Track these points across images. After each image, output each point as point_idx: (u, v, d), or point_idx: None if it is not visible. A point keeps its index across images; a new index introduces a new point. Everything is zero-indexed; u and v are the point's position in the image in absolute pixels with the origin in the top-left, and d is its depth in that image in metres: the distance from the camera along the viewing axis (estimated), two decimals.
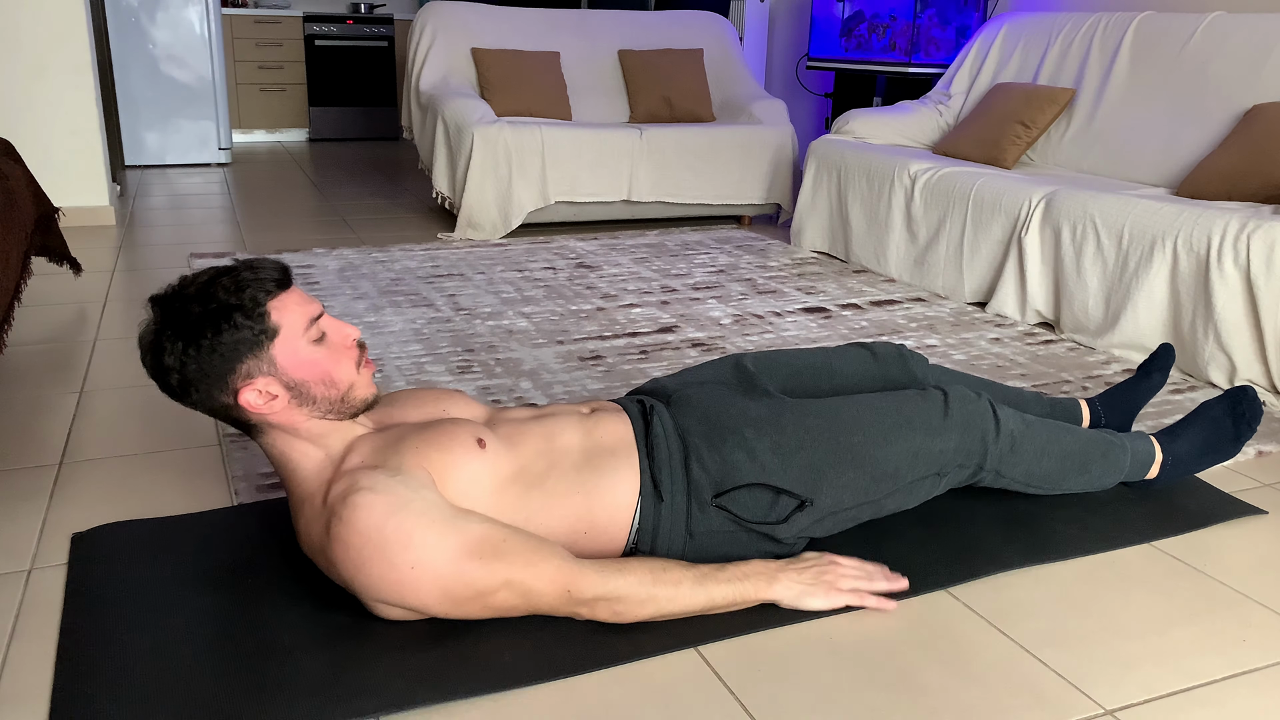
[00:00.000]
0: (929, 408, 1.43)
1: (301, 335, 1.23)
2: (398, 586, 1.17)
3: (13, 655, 1.21)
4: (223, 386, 1.20)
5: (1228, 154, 2.70)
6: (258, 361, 1.20)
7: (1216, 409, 1.69)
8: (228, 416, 1.25)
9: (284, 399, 1.23)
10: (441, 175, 3.88)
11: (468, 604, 1.20)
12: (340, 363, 1.26)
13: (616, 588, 1.23)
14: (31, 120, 3.60)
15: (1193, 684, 1.22)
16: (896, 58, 4.20)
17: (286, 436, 1.26)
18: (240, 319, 1.18)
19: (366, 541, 1.16)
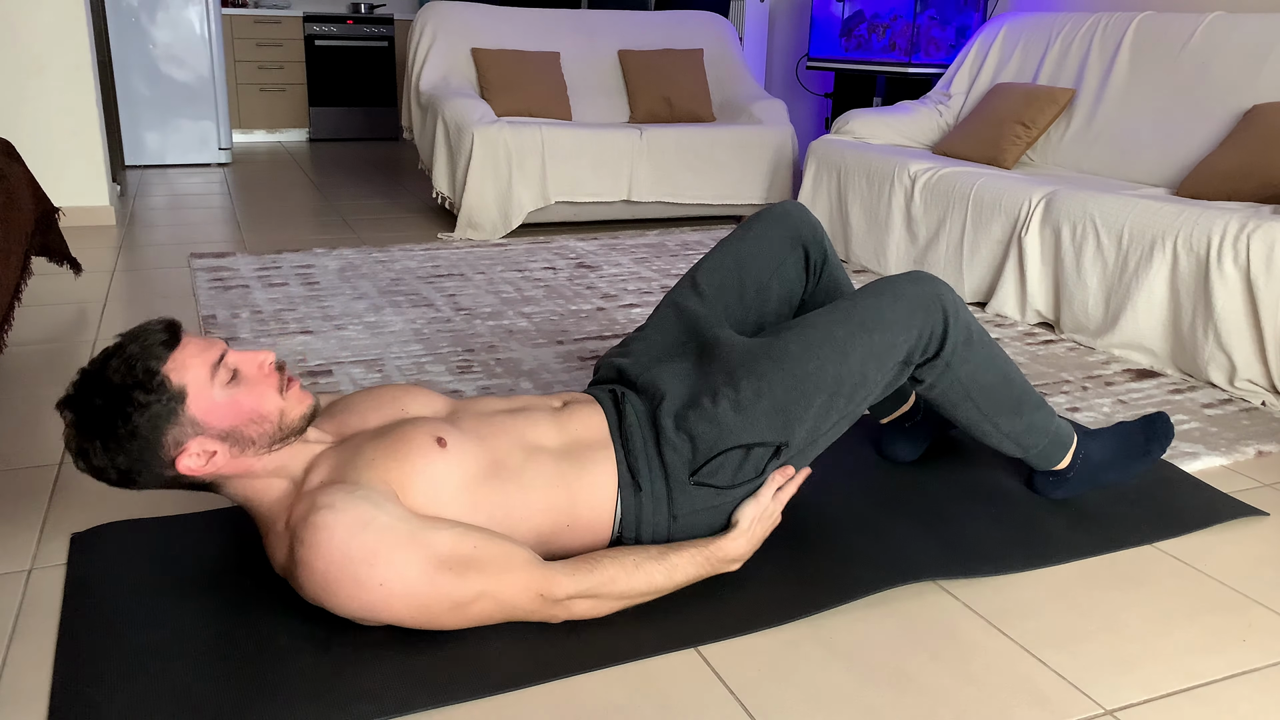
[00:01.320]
0: (879, 301, 1.39)
1: (209, 385, 1.17)
2: (369, 606, 1.16)
3: (13, 655, 1.21)
4: (159, 463, 1.17)
5: (1228, 154, 2.70)
6: (180, 428, 1.16)
7: (1130, 426, 1.68)
8: (182, 485, 1.22)
9: (223, 451, 1.19)
10: (441, 175, 3.88)
11: (444, 616, 1.19)
12: (263, 395, 1.21)
13: (589, 584, 1.23)
14: (31, 120, 3.60)
15: (1193, 684, 1.22)
16: (896, 58, 4.20)
17: (245, 481, 1.24)
18: (142, 396, 1.13)
19: (330, 563, 1.14)
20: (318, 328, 2.54)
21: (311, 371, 2.21)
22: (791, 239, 1.63)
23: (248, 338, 2.43)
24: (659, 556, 1.29)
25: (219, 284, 2.94)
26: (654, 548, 1.31)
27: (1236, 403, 2.21)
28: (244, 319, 2.59)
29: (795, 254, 1.63)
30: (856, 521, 1.57)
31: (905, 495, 1.67)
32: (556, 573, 1.23)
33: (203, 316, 2.60)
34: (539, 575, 1.22)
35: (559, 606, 1.23)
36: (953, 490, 1.69)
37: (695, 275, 1.63)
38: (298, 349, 2.36)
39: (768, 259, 1.62)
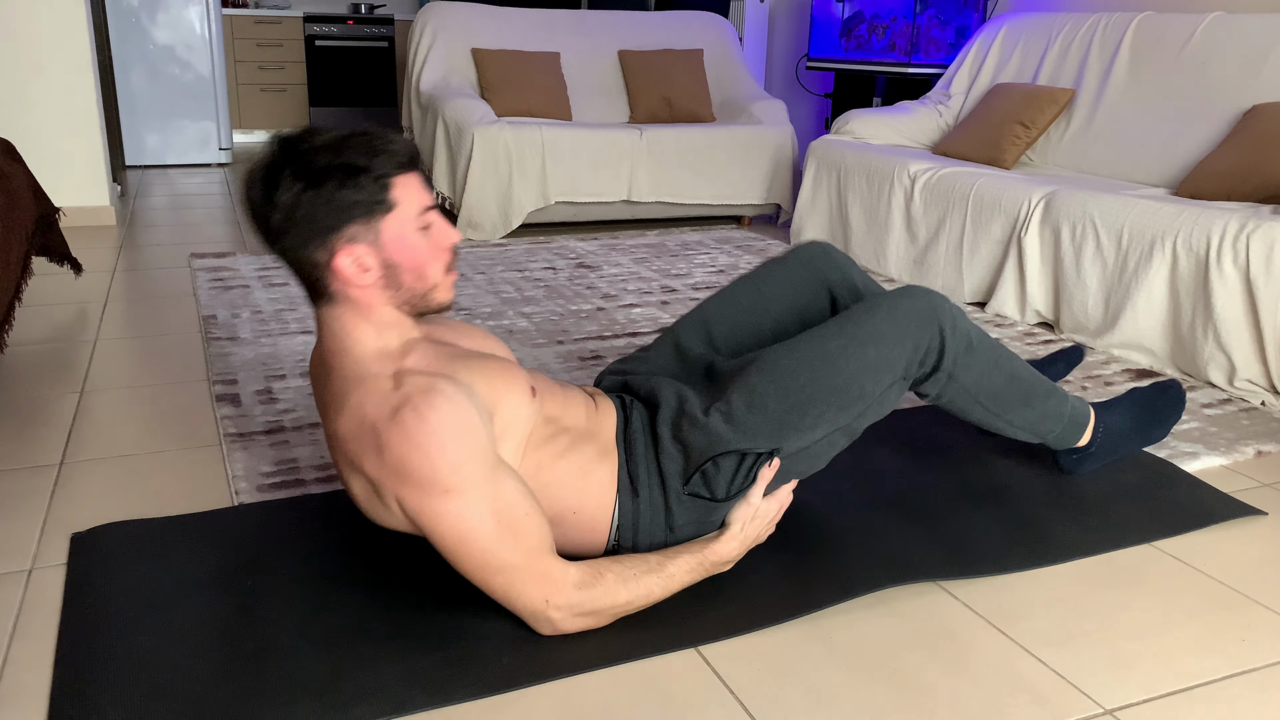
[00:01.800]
0: (873, 316, 1.39)
1: (413, 219, 1.19)
2: (423, 497, 1.15)
3: (13, 655, 1.21)
4: (321, 243, 1.16)
5: (1227, 154, 2.70)
6: (366, 229, 1.17)
7: (1144, 392, 1.72)
8: (308, 275, 1.21)
9: (375, 275, 1.19)
10: (442, 175, 3.88)
11: (465, 558, 1.18)
12: (434, 259, 1.23)
13: (589, 598, 1.23)
14: (31, 120, 3.60)
15: (1193, 684, 1.22)
16: (896, 58, 4.20)
17: (356, 314, 1.22)
18: (365, 181, 1.14)
19: (427, 441, 1.12)
20: None
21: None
22: (816, 283, 1.61)
23: (248, 338, 2.43)
24: (657, 567, 1.28)
25: (219, 284, 2.94)
26: (652, 556, 1.29)
27: (1236, 403, 2.21)
28: (244, 319, 2.59)
29: (821, 299, 1.61)
30: (856, 521, 1.57)
31: (904, 495, 1.67)
32: (569, 581, 1.22)
33: (203, 316, 2.60)
34: (556, 578, 1.21)
35: (554, 620, 1.22)
36: (952, 489, 1.69)
37: (709, 322, 1.60)
38: (298, 349, 2.36)
39: (790, 303, 1.60)
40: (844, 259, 1.64)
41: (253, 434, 1.87)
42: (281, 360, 2.28)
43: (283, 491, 1.64)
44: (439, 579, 1.38)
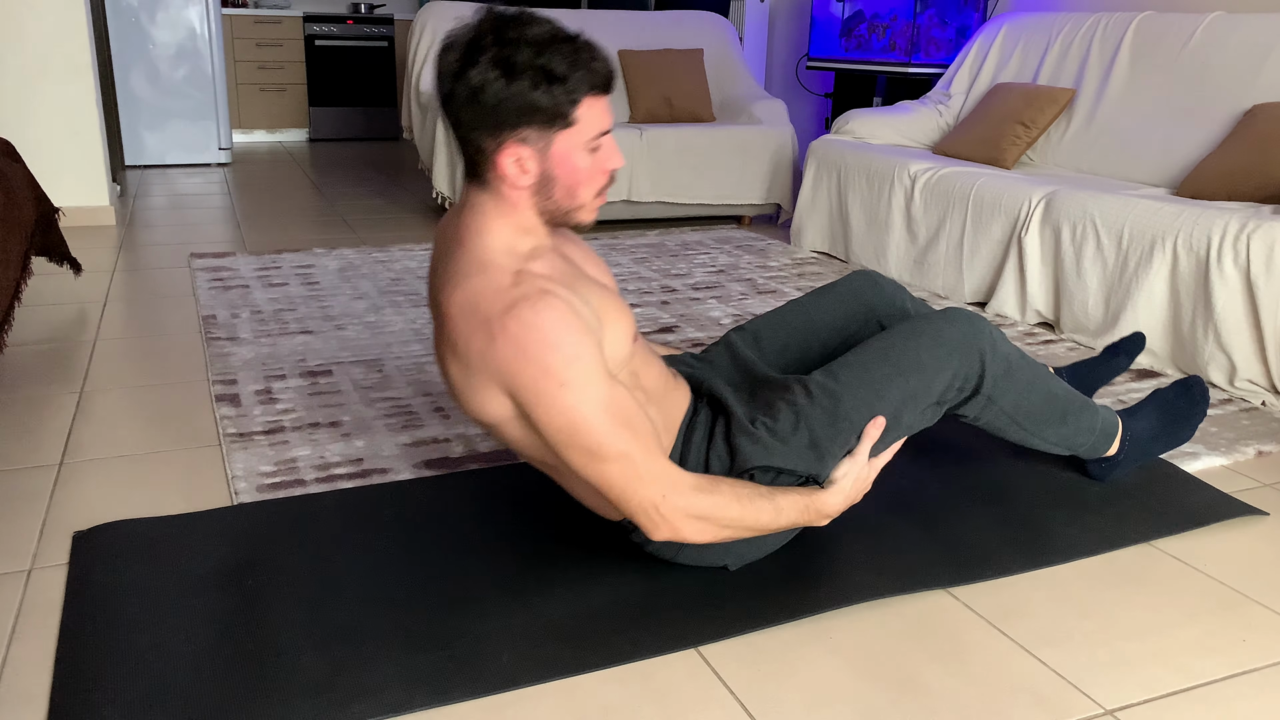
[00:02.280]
0: (917, 343, 1.40)
1: (586, 140, 1.21)
2: (536, 391, 1.16)
3: (13, 655, 1.21)
4: (494, 133, 1.18)
5: (1228, 154, 2.69)
6: (539, 136, 1.18)
7: (1169, 393, 1.73)
8: (470, 153, 1.22)
9: (531, 180, 1.21)
10: (441, 175, 3.88)
11: (575, 453, 1.19)
12: (591, 182, 1.24)
13: (708, 505, 1.23)
14: (31, 120, 3.60)
15: (1193, 684, 1.22)
16: (896, 58, 4.20)
17: (500, 207, 1.24)
18: (557, 91, 1.15)
19: (544, 336, 1.15)
20: (318, 328, 2.54)
21: (311, 371, 2.21)
22: (865, 313, 1.63)
23: (247, 338, 2.43)
24: (768, 495, 1.29)
25: (219, 284, 2.94)
26: (762, 486, 1.31)
27: (1236, 403, 2.21)
28: (244, 319, 2.59)
29: (869, 328, 1.62)
30: (857, 521, 1.57)
31: (905, 495, 1.67)
32: (686, 482, 1.23)
33: (203, 316, 2.60)
34: (674, 476, 1.22)
35: (669, 517, 1.22)
36: (953, 490, 1.69)
37: (758, 330, 1.63)
38: (298, 349, 2.36)
39: (839, 329, 1.63)
40: (893, 286, 1.65)
41: (252, 434, 1.87)
42: (281, 360, 2.28)
43: (282, 491, 1.64)
44: (439, 579, 1.38)
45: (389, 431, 1.90)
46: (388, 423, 1.94)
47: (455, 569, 1.41)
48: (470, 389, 1.23)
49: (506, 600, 1.33)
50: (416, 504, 1.60)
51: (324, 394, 2.08)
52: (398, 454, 1.80)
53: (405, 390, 2.12)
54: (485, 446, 1.85)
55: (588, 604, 1.33)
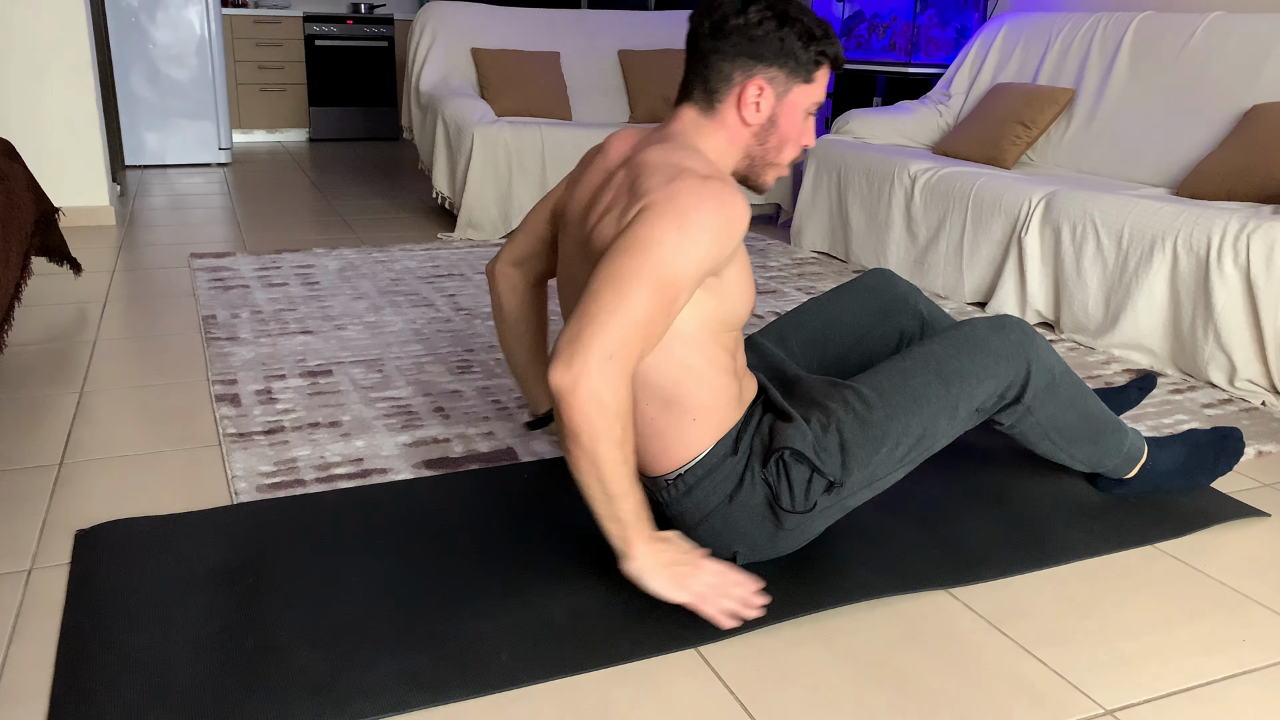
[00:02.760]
0: (959, 353, 1.41)
1: (810, 102, 1.35)
2: (659, 214, 1.19)
3: (13, 655, 1.21)
4: (749, 66, 1.30)
5: (1228, 154, 2.69)
6: (783, 82, 1.31)
7: (1203, 437, 1.71)
8: (714, 82, 1.32)
9: (759, 120, 1.32)
10: (441, 175, 3.88)
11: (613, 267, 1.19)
12: (797, 144, 1.37)
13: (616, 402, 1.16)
14: (31, 120, 3.60)
15: (1193, 684, 1.22)
16: (896, 58, 4.19)
17: (716, 137, 1.33)
18: (812, 48, 1.31)
19: (710, 203, 1.20)
20: (318, 328, 2.54)
21: (311, 371, 2.21)
22: (879, 312, 1.66)
23: (247, 338, 2.43)
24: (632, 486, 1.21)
25: (219, 284, 2.94)
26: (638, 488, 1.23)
27: (1236, 403, 2.21)
28: (244, 319, 2.59)
29: (884, 327, 1.66)
30: (857, 522, 1.57)
31: (906, 495, 1.67)
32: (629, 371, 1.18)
33: (203, 316, 2.60)
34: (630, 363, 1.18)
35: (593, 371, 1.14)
36: (953, 491, 1.69)
37: (782, 328, 1.67)
38: (298, 349, 2.36)
39: (854, 327, 1.66)
40: (907, 286, 1.70)
41: (252, 434, 1.87)
42: (281, 360, 2.28)
43: (282, 491, 1.64)
44: (439, 579, 1.38)
45: (389, 431, 1.90)
46: (388, 423, 1.94)
47: (455, 568, 1.41)
48: (610, 215, 1.27)
49: (506, 600, 1.33)
50: (416, 504, 1.60)
51: (324, 394, 2.08)
52: (398, 454, 1.80)
53: (405, 390, 2.12)
54: (485, 446, 1.85)
55: (587, 604, 1.33)
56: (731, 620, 1.26)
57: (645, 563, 1.24)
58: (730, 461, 1.35)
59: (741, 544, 1.38)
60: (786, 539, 1.39)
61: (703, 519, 1.37)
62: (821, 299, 1.70)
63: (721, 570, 1.28)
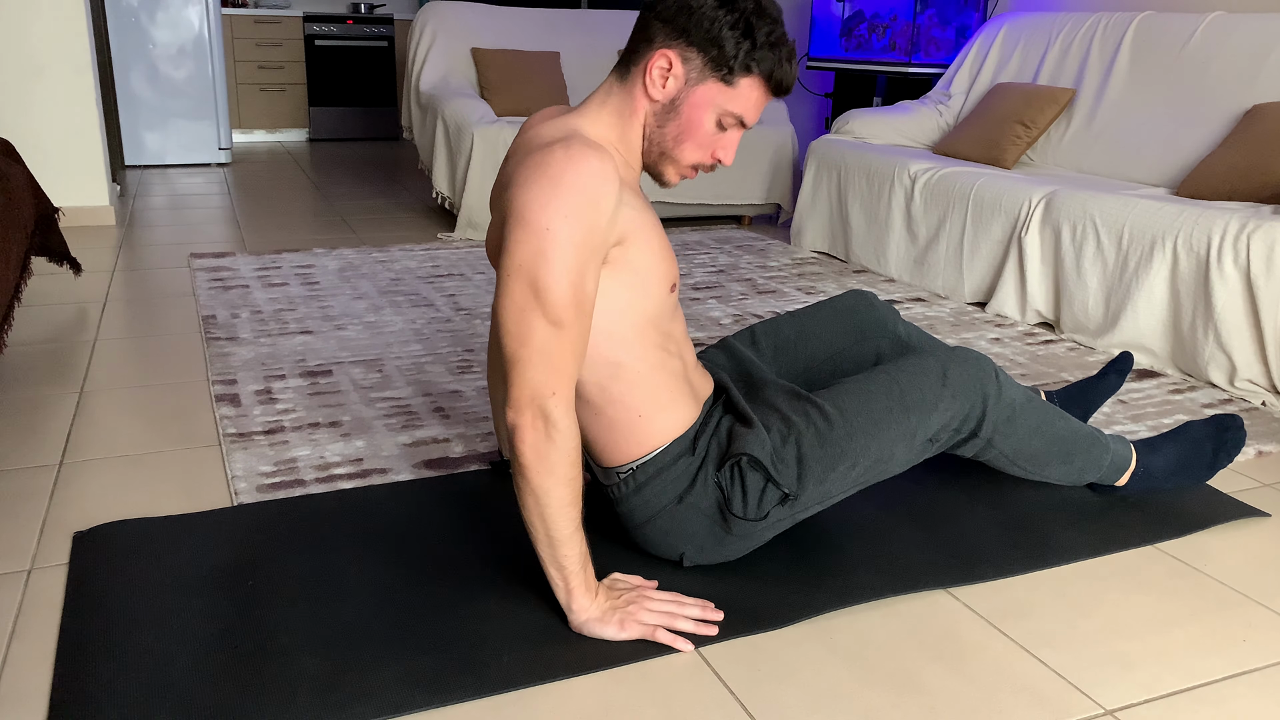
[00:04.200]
0: (923, 380, 1.39)
1: (722, 111, 1.24)
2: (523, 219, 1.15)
3: (13, 655, 1.21)
4: (671, 35, 1.21)
5: (1228, 154, 2.69)
6: (698, 70, 1.22)
7: (1200, 431, 1.68)
8: (636, 41, 1.25)
9: (660, 96, 1.24)
10: (441, 175, 3.88)
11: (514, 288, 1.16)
12: (698, 148, 1.27)
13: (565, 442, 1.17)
14: (31, 120, 3.60)
15: (1193, 684, 1.22)
16: (896, 58, 4.19)
17: (622, 106, 1.27)
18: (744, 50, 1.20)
19: (563, 175, 1.14)
20: (318, 328, 2.54)
21: (311, 371, 2.21)
22: (856, 333, 1.64)
23: (247, 338, 2.43)
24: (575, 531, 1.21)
25: (219, 284, 2.94)
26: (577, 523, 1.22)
27: (1237, 403, 2.21)
28: (244, 319, 2.59)
29: (859, 349, 1.64)
30: (857, 523, 1.57)
31: (906, 496, 1.67)
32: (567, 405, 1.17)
33: (203, 316, 2.60)
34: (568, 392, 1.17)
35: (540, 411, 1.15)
36: (953, 491, 1.69)
37: (755, 332, 1.65)
38: (298, 349, 2.36)
39: (825, 344, 1.64)
40: (886, 310, 1.67)
41: (252, 434, 1.87)
42: (281, 360, 2.28)
43: (282, 491, 1.64)
44: (439, 579, 1.38)
45: (389, 431, 1.90)
46: (388, 423, 1.94)
47: (455, 569, 1.41)
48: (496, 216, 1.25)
49: (507, 601, 1.33)
50: (416, 504, 1.60)
51: (324, 394, 2.08)
52: (398, 454, 1.80)
53: (405, 390, 2.12)
54: (485, 446, 1.85)
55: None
56: (685, 644, 1.25)
57: (588, 614, 1.24)
58: (684, 461, 1.35)
59: (689, 545, 1.38)
60: (734, 544, 1.38)
61: (650, 518, 1.37)
62: (799, 312, 1.68)
63: (670, 597, 1.29)
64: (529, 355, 1.16)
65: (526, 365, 1.17)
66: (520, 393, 1.17)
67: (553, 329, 1.16)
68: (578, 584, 1.24)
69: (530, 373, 1.16)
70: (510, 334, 1.17)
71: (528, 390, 1.17)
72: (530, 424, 1.17)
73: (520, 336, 1.17)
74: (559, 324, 1.16)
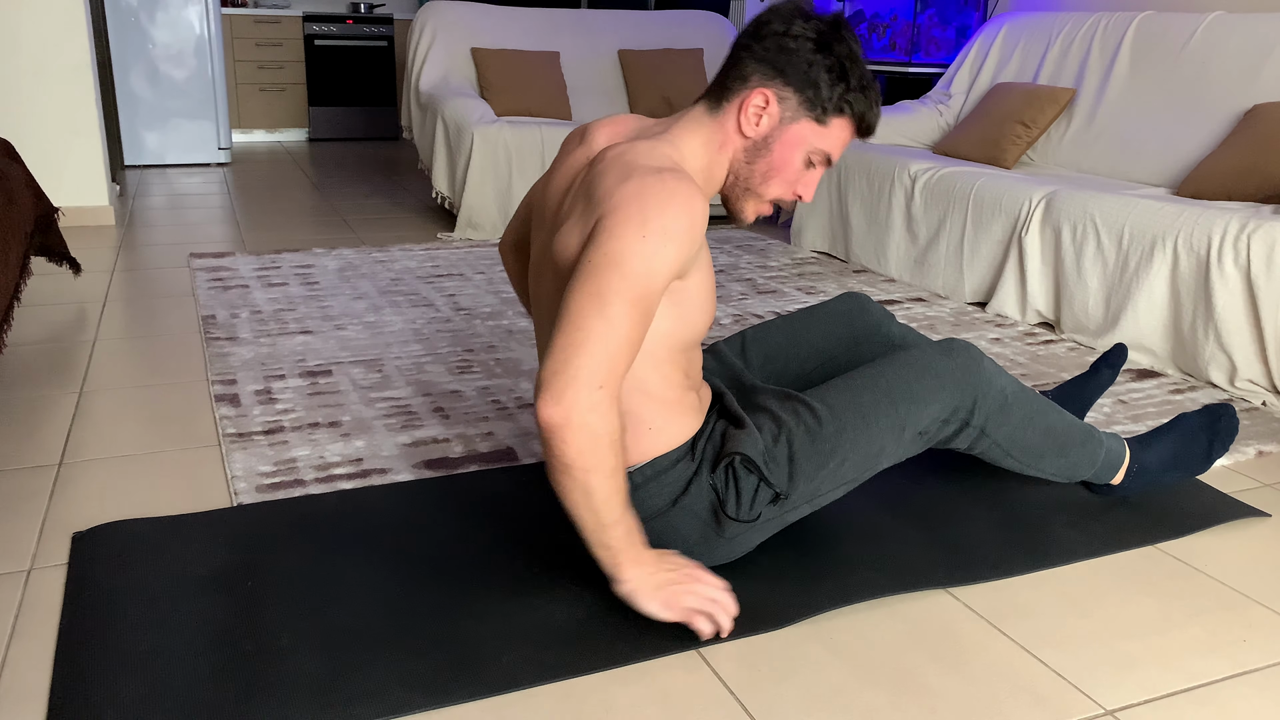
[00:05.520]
0: (911, 372, 1.39)
1: (813, 148, 1.28)
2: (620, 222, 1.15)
3: (12, 655, 1.21)
4: (771, 74, 1.24)
5: (1228, 154, 2.69)
6: (793, 110, 1.25)
7: (1194, 423, 1.68)
8: (731, 79, 1.27)
9: (754, 133, 1.27)
10: (441, 175, 3.88)
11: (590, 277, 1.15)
12: (786, 184, 1.30)
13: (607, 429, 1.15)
14: (31, 120, 3.60)
15: (1193, 684, 1.22)
16: (897, 57, 4.19)
17: (715, 136, 1.29)
18: (838, 92, 1.25)
19: (667, 199, 1.16)
20: (317, 328, 2.54)
21: (311, 371, 2.21)
22: (849, 340, 1.63)
23: (247, 338, 2.43)
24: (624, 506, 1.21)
25: (219, 284, 2.93)
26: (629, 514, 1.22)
27: (1237, 403, 2.21)
28: (244, 319, 2.59)
29: (852, 355, 1.64)
30: (858, 523, 1.57)
31: (906, 496, 1.67)
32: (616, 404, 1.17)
33: (202, 316, 2.60)
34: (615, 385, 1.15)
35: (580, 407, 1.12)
36: (953, 491, 1.69)
37: (745, 340, 1.65)
38: (297, 349, 2.36)
39: (817, 351, 1.64)
40: (880, 313, 1.66)
41: (252, 434, 1.87)
42: (281, 360, 2.28)
43: (282, 492, 1.64)
44: (439, 580, 1.38)
45: (389, 431, 1.90)
46: (387, 423, 1.94)
47: (455, 570, 1.41)
48: (571, 223, 1.23)
49: (507, 601, 1.33)
50: (416, 504, 1.60)
51: (323, 394, 2.08)
52: (397, 454, 1.80)
53: (405, 390, 2.12)
54: (485, 446, 1.85)
55: (588, 605, 1.33)
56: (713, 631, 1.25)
57: (635, 585, 1.24)
58: (682, 465, 1.35)
59: (680, 548, 1.38)
60: (725, 548, 1.38)
61: (644, 521, 1.37)
62: (791, 317, 1.67)
63: (714, 581, 1.27)
64: (584, 341, 1.13)
65: (579, 350, 1.13)
66: (564, 381, 1.12)
67: (618, 323, 1.14)
68: (626, 558, 1.23)
69: (582, 359, 1.13)
70: (572, 320, 1.14)
71: (586, 375, 1.13)
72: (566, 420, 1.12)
73: (582, 324, 1.14)
74: (626, 319, 1.15)
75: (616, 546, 1.22)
